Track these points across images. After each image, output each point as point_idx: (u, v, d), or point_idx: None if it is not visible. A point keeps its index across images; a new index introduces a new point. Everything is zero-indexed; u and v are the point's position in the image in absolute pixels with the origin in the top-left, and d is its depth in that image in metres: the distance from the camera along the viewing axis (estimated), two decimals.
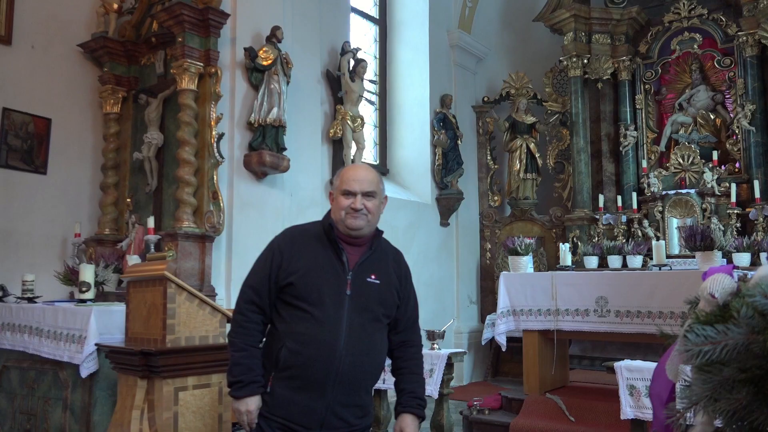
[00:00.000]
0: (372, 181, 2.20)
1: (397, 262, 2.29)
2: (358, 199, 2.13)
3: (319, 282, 2.10)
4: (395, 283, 2.22)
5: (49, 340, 3.95)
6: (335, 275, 2.11)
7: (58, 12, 5.75)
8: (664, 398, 1.61)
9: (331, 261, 2.13)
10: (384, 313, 2.18)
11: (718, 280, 1.30)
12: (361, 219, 2.14)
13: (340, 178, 2.21)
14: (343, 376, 2.05)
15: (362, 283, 2.13)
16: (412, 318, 2.30)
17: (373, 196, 2.17)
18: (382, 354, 2.22)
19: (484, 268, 8.47)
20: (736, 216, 6.69)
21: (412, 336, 2.29)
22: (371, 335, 2.13)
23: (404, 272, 2.29)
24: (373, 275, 2.15)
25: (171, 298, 2.98)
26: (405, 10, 8.21)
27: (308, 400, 2.05)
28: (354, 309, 2.09)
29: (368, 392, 2.21)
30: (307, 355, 2.05)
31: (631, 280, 4.63)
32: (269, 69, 5.36)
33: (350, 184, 2.15)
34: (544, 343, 4.96)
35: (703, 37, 7.53)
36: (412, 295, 2.32)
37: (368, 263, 2.17)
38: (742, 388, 1.14)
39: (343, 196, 2.15)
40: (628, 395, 3.63)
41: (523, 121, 8.34)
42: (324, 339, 2.05)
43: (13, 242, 5.26)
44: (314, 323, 2.06)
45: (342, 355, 2.04)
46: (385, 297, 2.18)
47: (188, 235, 4.90)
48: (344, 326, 2.06)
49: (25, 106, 5.44)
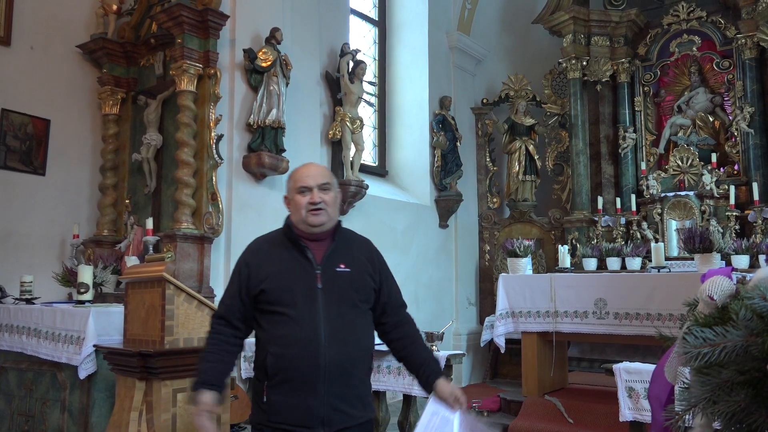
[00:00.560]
0: (324, 174, 2.24)
1: (366, 249, 2.29)
2: (315, 192, 2.16)
3: (289, 283, 2.12)
4: (367, 268, 2.22)
5: (47, 342, 3.94)
6: (304, 273, 2.13)
7: (57, 13, 5.75)
8: (663, 400, 1.61)
9: (298, 260, 2.15)
10: (360, 298, 2.17)
11: (717, 282, 1.30)
12: (322, 215, 2.16)
13: (292, 179, 2.24)
14: (331, 369, 2.04)
15: (333, 274, 2.14)
16: (397, 299, 2.31)
17: (329, 189, 2.20)
18: (368, 339, 2.21)
19: (483, 270, 8.47)
20: (734, 218, 6.69)
21: (403, 316, 2.32)
22: (352, 322, 2.12)
23: (375, 257, 2.29)
24: (342, 264, 2.16)
25: (169, 299, 2.98)
26: (404, 12, 8.22)
27: (304, 401, 2.04)
28: (328, 301, 2.10)
29: (363, 381, 2.18)
30: (291, 356, 2.06)
31: (630, 282, 4.64)
32: (268, 70, 5.36)
33: (305, 180, 2.18)
34: (543, 345, 4.96)
35: (702, 40, 7.54)
36: (390, 277, 2.32)
37: (335, 254, 2.18)
38: (741, 390, 1.14)
39: (300, 194, 2.18)
40: (626, 397, 3.63)
41: (522, 123, 8.35)
42: (304, 336, 2.05)
43: (11, 243, 5.25)
44: (292, 324, 2.08)
45: (325, 348, 2.04)
46: (359, 283, 2.17)
47: (187, 237, 4.90)
48: (321, 320, 2.06)
49: (24, 107, 5.44)
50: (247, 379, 4.78)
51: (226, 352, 2.18)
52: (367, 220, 6.65)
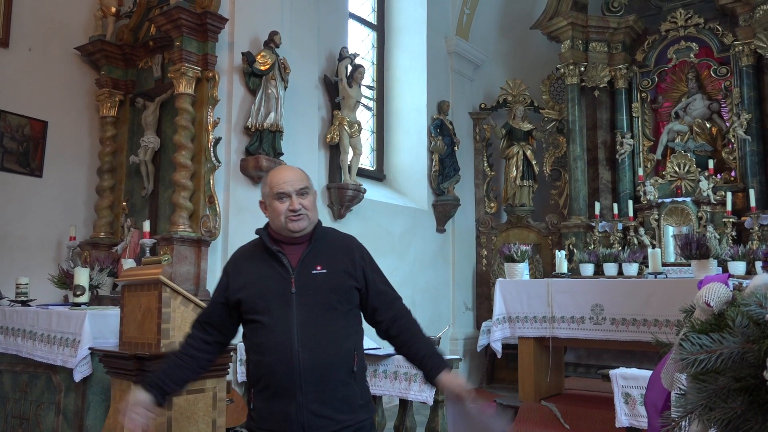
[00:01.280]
0: (302, 177, 2.20)
1: (346, 247, 2.22)
2: (294, 199, 2.12)
3: (264, 290, 2.10)
4: (346, 267, 2.14)
5: (42, 344, 3.93)
6: (279, 279, 2.10)
7: (55, 15, 5.75)
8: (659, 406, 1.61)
9: (272, 267, 2.13)
10: (339, 299, 2.09)
11: (714, 289, 1.30)
12: (303, 220, 2.13)
13: (267, 184, 2.19)
14: (307, 374, 2.00)
15: (307, 277, 2.09)
16: (389, 295, 2.22)
17: (307, 192, 2.16)
18: (348, 341, 2.10)
19: (480, 275, 8.47)
20: (731, 224, 6.71)
21: (398, 310, 2.22)
22: (328, 325, 2.05)
23: (357, 254, 2.20)
24: (319, 266, 2.11)
25: (166, 302, 2.97)
26: (403, 17, 8.23)
27: (283, 407, 2.02)
28: (301, 305, 2.05)
29: (347, 383, 2.07)
30: (268, 363, 2.05)
31: (627, 287, 4.64)
32: (267, 74, 5.36)
33: (282, 186, 2.14)
34: (539, 350, 4.96)
35: (700, 46, 7.57)
36: (377, 273, 2.23)
37: (311, 257, 2.13)
38: (737, 397, 1.14)
39: (278, 200, 2.14)
40: (623, 403, 3.63)
41: (520, 128, 8.36)
42: (277, 342, 2.03)
43: (7, 245, 5.24)
44: (266, 330, 2.06)
45: (298, 352, 2.00)
46: (336, 283, 2.10)
47: (184, 239, 4.89)
48: (294, 324, 2.03)
49: (22, 108, 5.43)
50: (243, 383, 4.78)
51: (188, 356, 2.16)
52: (364, 224, 6.65)
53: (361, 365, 2.15)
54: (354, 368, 2.08)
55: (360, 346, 2.17)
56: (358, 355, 2.12)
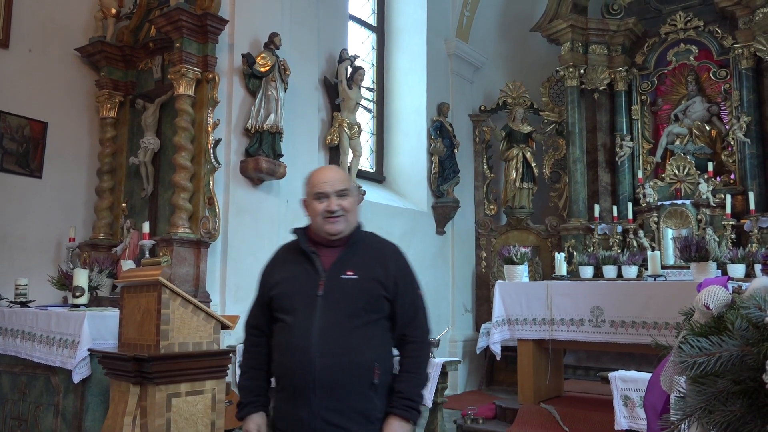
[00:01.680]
0: (342, 179, 2.17)
1: (383, 255, 2.16)
2: (332, 200, 2.09)
3: (292, 290, 2.08)
4: (378, 275, 2.07)
5: (41, 345, 3.93)
6: (308, 280, 2.07)
7: (55, 16, 5.75)
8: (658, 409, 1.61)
9: (304, 268, 2.10)
10: (365, 306, 2.02)
11: (713, 291, 1.30)
12: (340, 223, 2.10)
13: (309, 183, 2.18)
14: (322, 380, 1.95)
15: (336, 282, 2.05)
16: (410, 312, 2.12)
17: (347, 194, 2.13)
18: (369, 351, 2.01)
19: (480, 277, 8.47)
20: (731, 227, 6.71)
21: (411, 331, 2.11)
22: (350, 333, 1.99)
23: (395, 264, 2.14)
24: (350, 271, 2.06)
25: (165, 303, 2.96)
26: (403, 19, 8.24)
27: (295, 409, 2.00)
28: (326, 308, 2.01)
29: (366, 396, 1.99)
30: (286, 363, 2.04)
31: (626, 290, 4.64)
32: (267, 75, 5.37)
33: (321, 186, 2.12)
34: (538, 352, 4.96)
35: (699, 49, 7.58)
36: (410, 288, 2.15)
37: (344, 260, 2.10)
38: (737, 400, 1.14)
39: (316, 200, 2.12)
40: (622, 406, 3.63)
41: (520, 131, 8.37)
42: (296, 344, 2.00)
43: (7, 246, 5.23)
44: (288, 331, 2.05)
45: (315, 357, 1.96)
46: (365, 290, 2.04)
47: (183, 241, 4.89)
48: (315, 328, 1.99)
49: (22, 109, 5.43)
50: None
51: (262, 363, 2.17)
52: (364, 225, 6.64)
53: (384, 379, 2.04)
54: (375, 381, 1.99)
55: (384, 358, 2.07)
56: (380, 368, 2.02)
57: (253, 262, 5.33)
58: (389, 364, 2.10)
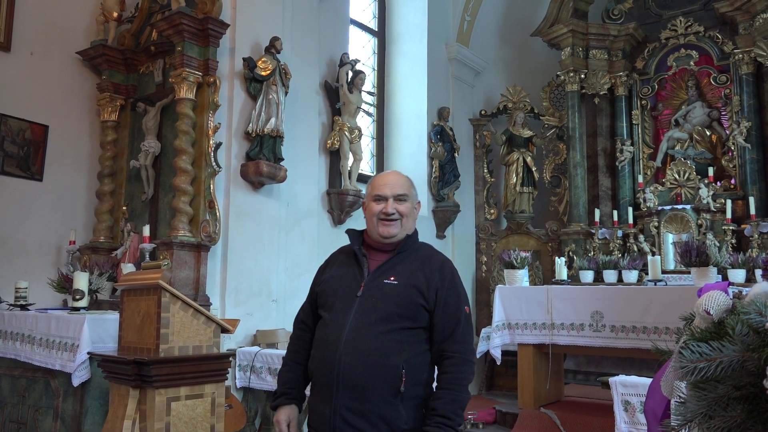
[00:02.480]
0: (403, 184, 2.19)
1: (432, 265, 2.12)
2: (389, 203, 2.12)
3: (335, 288, 2.13)
4: (419, 283, 2.05)
5: (41, 348, 3.93)
6: (352, 281, 2.11)
7: (57, 19, 5.76)
8: (659, 414, 1.61)
9: (352, 269, 2.15)
10: (400, 313, 2.00)
11: (714, 296, 1.30)
12: (394, 226, 2.13)
13: (370, 185, 2.22)
14: (346, 379, 1.94)
15: (377, 285, 2.06)
16: (450, 326, 2.05)
17: (405, 200, 2.16)
18: (397, 356, 1.96)
19: (480, 281, 8.46)
20: (731, 232, 6.71)
21: (450, 346, 2.04)
22: (380, 335, 1.97)
23: (439, 276, 2.09)
24: (392, 277, 2.07)
25: (165, 307, 2.96)
26: (404, 23, 8.26)
27: (321, 404, 2.01)
28: (361, 309, 2.02)
29: (390, 402, 1.94)
30: (318, 358, 2.07)
31: (627, 294, 4.64)
32: (268, 79, 5.37)
33: (381, 189, 2.15)
34: (539, 357, 4.95)
35: (700, 54, 7.60)
36: (453, 301, 2.08)
37: (389, 265, 2.11)
38: (737, 405, 1.14)
39: (375, 202, 2.15)
40: (622, 411, 3.62)
41: (520, 135, 8.37)
42: (329, 340, 2.03)
43: (7, 249, 5.23)
44: (325, 327, 2.09)
45: (341, 354, 1.96)
46: (403, 296, 2.02)
47: (183, 244, 4.88)
48: (348, 326, 2.00)
49: (23, 112, 5.44)
50: (242, 388, 4.77)
51: (302, 356, 2.20)
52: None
53: (414, 390, 1.99)
54: (401, 388, 1.95)
55: (414, 367, 2.00)
56: (407, 376, 1.97)
57: (254, 265, 5.33)
58: (421, 375, 2.04)
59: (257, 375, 4.60)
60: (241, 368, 4.73)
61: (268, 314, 5.37)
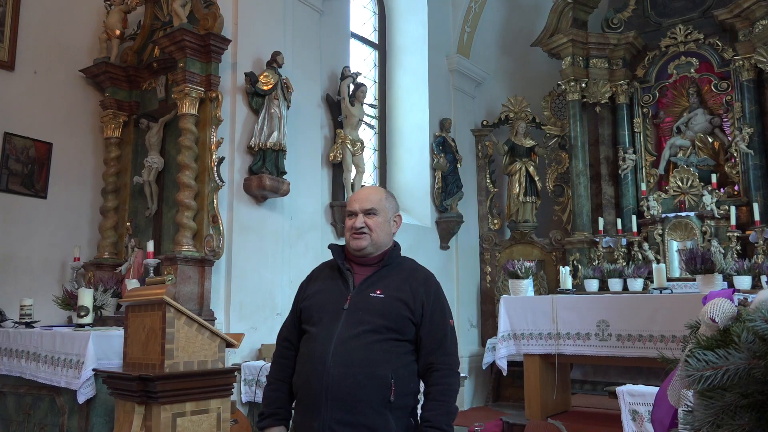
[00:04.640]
0: (373, 199, 2.23)
1: (416, 279, 2.18)
2: (358, 217, 2.18)
3: (321, 302, 2.14)
4: (405, 296, 2.10)
5: (46, 366, 3.92)
6: (337, 295, 2.13)
7: (60, 38, 5.81)
8: (666, 424, 1.60)
9: (336, 283, 2.18)
10: (386, 325, 2.03)
11: (719, 304, 1.29)
12: (363, 239, 2.16)
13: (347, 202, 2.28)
14: (334, 391, 1.96)
15: (363, 298, 2.09)
16: (437, 339, 2.11)
17: (375, 213, 2.19)
18: (385, 366, 2.00)
19: (485, 292, 8.44)
20: (736, 239, 6.69)
21: (438, 358, 2.10)
22: (368, 346, 2.00)
23: (425, 288, 2.15)
24: (378, 290, 2.11)
25: (170, 322, 2.96)
26: (404, 36, 8.30)
27: (308, 420, 2.00)
28: (348, 322, 2.05)
29: (380, 413, 1.97)
30: (304, 373, 2.07)
31: (632, 303, 4.62)
32: (270, 93, 5.40)
33: (351, 205, 2.23)
34: (545, 367, 4.92)
35: (700, 62, 7.61)
36: (438, 314, 2.14)
37: (374, 279, 2.15)
38: (745, 413, 1.13)
39: (348, 217, 2.23)
40: (630, 420, 3.60)
41: (522, 145, 8.38)
42: (315, 354, 2.04)
43: (11, 266, 5.24)
44: (310, 341, 2.10)
45: (330, 366, 1.98)
46: (389, 309, 2.06)
47: (188, 259, 4.89)
48: (335, 339, 2.02)
49: (27, 130, 5.47)
50: (247, 403, 4.75)
51: (287, 374, 2.20)
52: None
53: (402, 400, 2.04)
54: (391, 398, 1.98)
55: (402, 377, 2.04)
56: (396, 385, 2.00)
57: (258, 279, 5.33)
58: (408, 385, 2.08)
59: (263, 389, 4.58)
60: (246, 383, 4.71)
61: (273, 328, 5.36)
